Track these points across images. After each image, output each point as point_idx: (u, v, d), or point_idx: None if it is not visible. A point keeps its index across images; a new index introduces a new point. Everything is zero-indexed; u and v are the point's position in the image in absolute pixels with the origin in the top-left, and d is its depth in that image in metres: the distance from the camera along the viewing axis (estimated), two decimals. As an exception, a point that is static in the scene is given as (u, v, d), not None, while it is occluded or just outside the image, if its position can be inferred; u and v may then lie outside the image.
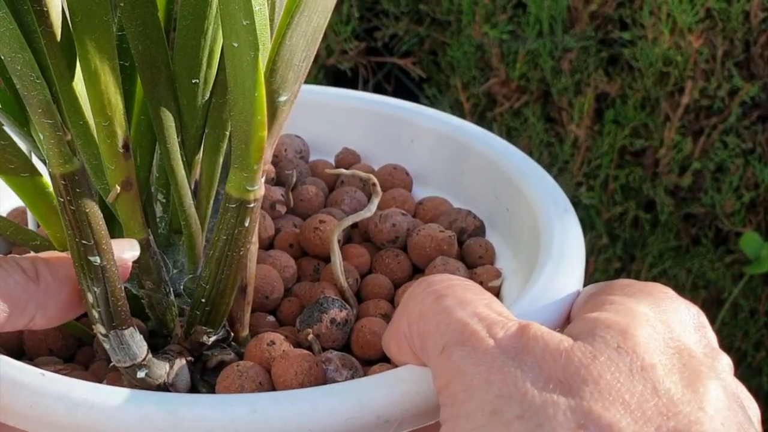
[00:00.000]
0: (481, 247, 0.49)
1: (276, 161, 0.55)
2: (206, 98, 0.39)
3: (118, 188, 0.37)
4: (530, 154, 1.15)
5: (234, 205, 0.37)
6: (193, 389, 0.40)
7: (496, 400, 0.31)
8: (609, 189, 1.15)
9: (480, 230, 0.51)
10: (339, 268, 0.45)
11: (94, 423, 0.34)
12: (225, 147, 0.41)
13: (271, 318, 0.45)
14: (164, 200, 0.43)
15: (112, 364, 0.39)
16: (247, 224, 0.37)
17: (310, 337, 0.41)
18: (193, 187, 0.41)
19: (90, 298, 0.37)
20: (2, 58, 0.33)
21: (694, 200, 1.15)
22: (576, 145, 1.14)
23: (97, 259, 0.36)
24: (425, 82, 1.19)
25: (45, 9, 0.35)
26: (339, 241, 0.47)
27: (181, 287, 0.42)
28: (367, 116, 0.58)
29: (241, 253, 0.38)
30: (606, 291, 0.37)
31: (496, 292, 0.46)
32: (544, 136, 1.15)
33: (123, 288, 0.37)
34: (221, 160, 0.41)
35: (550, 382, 0.31)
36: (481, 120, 1.17)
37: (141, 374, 0.38)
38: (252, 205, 0.37)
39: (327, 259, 0.48)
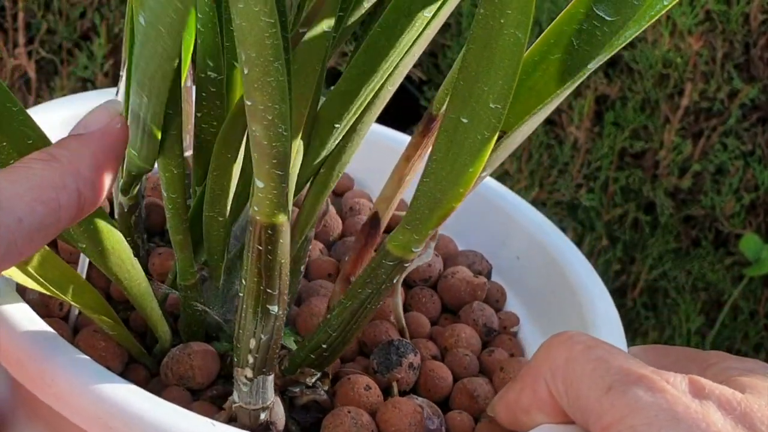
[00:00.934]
0: (498, 291, 0.51)
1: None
2: (337, 142, 0.40)
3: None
4: (530, 156, 1.15)
5: (391, 263, 0.37)
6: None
7: None
8: (609, 191, 1.15)
9: (490, 274, 0.52)
10: (400, 310, 0.46)
11: None
12: (332, 188, 0.41)
13: None
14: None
15: (236, 404, 0.38)
16: (395, 281, 0.38)
17: (394, 382, 0.42)
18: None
19: (252, 344, 0.37)
20: (253, 104, 0.31)
21: (694, 202, 1.15)
22: (576, 147, 1.14)
23: (275, 309, 0.36)
24: (425, 84, 1.19)
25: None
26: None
27: None
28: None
29: (378, 306, 0.38)
30: (723, 360, 0.40)
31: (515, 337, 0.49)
32: (544, 137, 1.15)
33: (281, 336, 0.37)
34: (324, 200, 0.41)
35: (738, 425, 0.34)
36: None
37: (263, 416, 0.38)
38: (408, 264, 0.37)
39: None
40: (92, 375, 0.35)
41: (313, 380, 0.40)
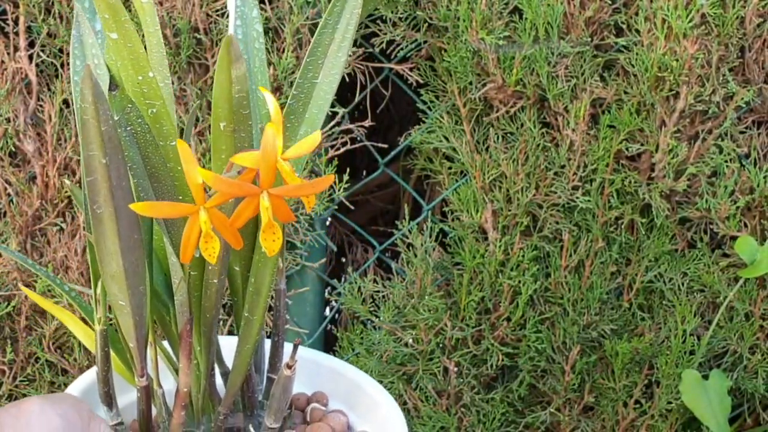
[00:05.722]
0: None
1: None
2: None
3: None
4: (527, 158, 1.15)
5: None
6: None
7: None
8: (605, 193, 1.16)
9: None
10: None
11: None
12: None
13: None
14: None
15: None
16: None
17: None
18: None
19: None
20: None
21: (690, 204, 1.16)
22: (572, 149, 1.15)
23: None
24: (422, 88, 1.19)
25: None
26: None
27: None
28: None
29: None
30: None
31: None
32: (541, 140, 1.15)
33: None
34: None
35: None
36: (478, 125, 1.18)
37: None
38: None
39: None
40: None
41: None
